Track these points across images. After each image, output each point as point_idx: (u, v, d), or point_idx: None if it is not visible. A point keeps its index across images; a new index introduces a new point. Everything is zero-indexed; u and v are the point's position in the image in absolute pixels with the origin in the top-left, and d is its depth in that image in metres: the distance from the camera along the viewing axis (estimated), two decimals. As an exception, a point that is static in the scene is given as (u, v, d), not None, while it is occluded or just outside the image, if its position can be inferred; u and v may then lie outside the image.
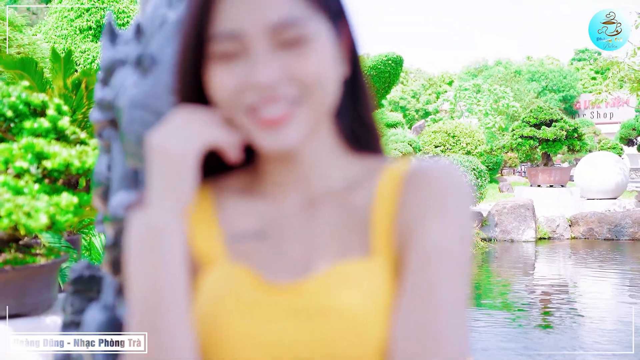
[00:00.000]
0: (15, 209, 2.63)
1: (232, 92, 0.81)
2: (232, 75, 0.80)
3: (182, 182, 0.83)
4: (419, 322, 0.75)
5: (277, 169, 0.90)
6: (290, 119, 0.81)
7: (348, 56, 0.89)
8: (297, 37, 0.79)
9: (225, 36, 0.80)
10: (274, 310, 0.80)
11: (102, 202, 1.88)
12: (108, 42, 1.88)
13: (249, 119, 0.81)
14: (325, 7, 0.83)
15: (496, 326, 7.04)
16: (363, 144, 0.94)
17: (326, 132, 0.90)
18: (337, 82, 0.84)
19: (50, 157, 2.94)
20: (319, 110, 0.83)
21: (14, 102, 3.10)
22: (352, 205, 0.87)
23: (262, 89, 0.79)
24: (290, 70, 0.79)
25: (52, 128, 3.19)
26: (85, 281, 1.84)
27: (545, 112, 16.10)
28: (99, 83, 1.85)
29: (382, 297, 0.79)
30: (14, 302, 3.15)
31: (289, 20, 0.78)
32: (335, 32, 0.85)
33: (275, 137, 0.81)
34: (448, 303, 0.76)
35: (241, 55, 0.80)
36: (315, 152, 0.89)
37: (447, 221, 0.80)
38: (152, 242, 0.82)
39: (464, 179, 0.85)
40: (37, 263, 3.24)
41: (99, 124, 1.86)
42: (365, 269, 0.81)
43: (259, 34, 0.79)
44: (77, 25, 17.35)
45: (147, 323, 0.80)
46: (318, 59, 0.80)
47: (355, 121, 0.93)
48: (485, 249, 12.52)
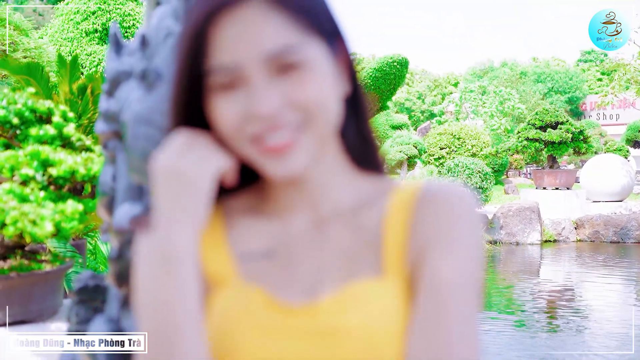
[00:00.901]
0: (21, 217, 2.64)
1: (235, 123, 0.81)
2: (234, 106, 0.80)
3: (199, 204, 0.83)
4: (432, 348, 0.76)
5: (285, 191, 0.90)
6: (295, 145, 0.81)
7: (347, 74, 0.89)
8: (294, 63, 0.79)
9: (223, 69, 0.79)
10: (288, 331, 0.81)
11: (107, 212, 1.89)
12: (113, 53, 1.89)
13: (255, 148, 0.81)
14: (320, 30, 0.82)
15: (501, 329, 7.04)
16: (366, 160, 0.94)
17: (332, 151, 0.90)
18: (338, 102, 0.85)
19: (55, 164, 2.95)
20: (323, 133, 0.83)
21: (20, 109, 3.11)
22: (362, 225, 0.87)
23: (264, 119, 0.79)
24: (291, 97, 0.79)
25: (57, 135, 3.20)
26: (90, 291, 1.84)
27: (551, 114, 16.06)
28: (104, 94, 1.85)
29: (395, 317, 0.79)
30: (19, 308, 3.17)
31: (284, 48, 0.78)
32: (332, 52, 0.84)
33: (281, 164, 0.81)
34: (460, 331, 0.77)
35: (240, 86, 0.80)
36: (322, 172, 0.89)
37: (457, 252, 0.80)
38: (168, 265, 0.81)
39: (474, 203, 0.86)
40: (42, 270, 3.26)
41: (104, 135, 1.86)
42: (377, 289, 0.81)
43: (255, 64, 0.78)
44: (83, 28, 17.39)
45: (161, 344, 0.80)
46: (317, 83, 0.80)
47: (358, 138, 0.93)
48: (491, 252, 12.51)
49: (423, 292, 0.79)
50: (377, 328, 0.78)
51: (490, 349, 6.17)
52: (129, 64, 1.84)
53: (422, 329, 0.77)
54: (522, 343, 6.53)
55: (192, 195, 0.82)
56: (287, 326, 0.81)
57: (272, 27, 0.78)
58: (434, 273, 0.79)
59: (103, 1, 17.39)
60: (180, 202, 0.82)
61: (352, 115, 0.91)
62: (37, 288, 3.22)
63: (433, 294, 0.78)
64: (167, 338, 0.79)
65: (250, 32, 0.78)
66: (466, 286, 0.79)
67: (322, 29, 0.83)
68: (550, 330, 7.18)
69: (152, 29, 1.78)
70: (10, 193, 2.80)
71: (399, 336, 0.78)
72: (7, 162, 2.94)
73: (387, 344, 0.78)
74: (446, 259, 0.80)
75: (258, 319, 0.83)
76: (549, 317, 7.93)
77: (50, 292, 3.32)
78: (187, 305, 0.81)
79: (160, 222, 0.83)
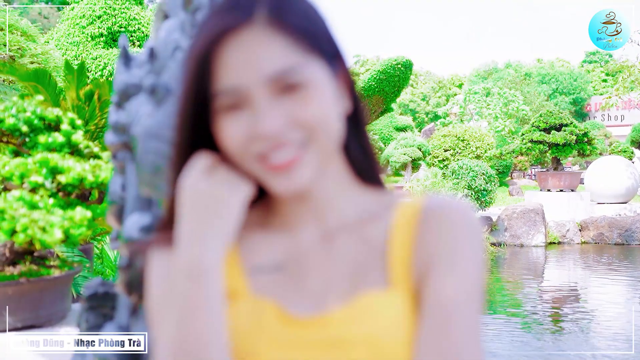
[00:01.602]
0: (31, 224, 2.68)
1: (241, 142, 0.84)
2: (239, 126, 0.83)
3: (230, 224, 0.86)
4: (440, 354, 0.80)
5: (292, 205, 0.93)
6: (299, 162, 0.84)
7: (348, 92, 0.92)
8: (296, 83, 0.82)
9: (228, 91, 0.82)
10: (299, 343, 0.84)
11: (116, 221, 1.92)
12: (122, 66, 1.92)
13: (260, 166, 0.84)
14: (321, 51, 0.85)
15: (506, 330, 7.05)
16: (368, 175, 0.97)
17: (336, 167, 0.93)
18: (339, 119, 0.88)
19: (64, 171, 2.99)
20: (326, 149, 0.86)
21: (29, 117, 3.16)
22: (368, 238, 0.91)
23: (268, 138, 0.82)
24: (294, 116, 0.82)
25: (66, 142, 3.25)
26: (100, 298, 1.88)
27: (555, 116, 16.05)
28: (114, 106, 1.88)
29: (401, 328, 0.83)
30: (28, 313, 3.21)
31: (285, 69, 0.81)
32: (333, 72, 0.87)
33: (286, 180, 0.84)
34: (465, 343, 0.81)
35: (245, 107, 0.83)
36: (327, 186, 0.92)
37: (461, 269, 0.84)
38: (198, 280, 0.84)
39: (475, 218, 0.89)
40: (51, 275, 3.30)
41: (113, 147, 1.90)
42: (384, 301, 0.85)
43: (259, 86, 0.81)
44: (89, 32, 17.44)
45: (188, 355, 0.82)
46: (319, 101, 0.83)
47: (360, 153, 0.96)
48: (495, 254, 12.50)
49: (428, 307, 0.83)
50: (385, 339, 0.82)
51: (493, 350, 6.19)
52: (138, 76, 1.87)
53: (429, 342, 0.81)
54: (527, 344, 6.54)
55: (225, 215, 0.86)
56: (298, 338, 0.84)
57: (274, 50, 0.81)
58: (439, 289, 0.83)
59: (108, 6, 17.45)
60: (212, 221, 0.85)
61: (354, 131, 0.95)
62: (46, 293, 3.26)
63: (438, 309, 0.82)
64: (194, 350, 0.82)
65: (254, 55, 0.81)
66: (469, 301, 0.83)
67: (322, 50, 0.86)
68: (554, 331, 7.20)
69: (161, 42, 1.82)
70: (20, 200, 2.85)
71: (406, 346, 0.82)
72: (17, 169, 2.99)
73: (394, 355, 0.81)
74: (450, 276, 0.83)
75: (270, 332, 0.86)
76: (553, 318, 7.93)
77: (59, 297, 3.36)
78: (214, 319, 0.83)
79: (190, 238, 0.86)
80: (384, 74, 24.69)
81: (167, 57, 1.79)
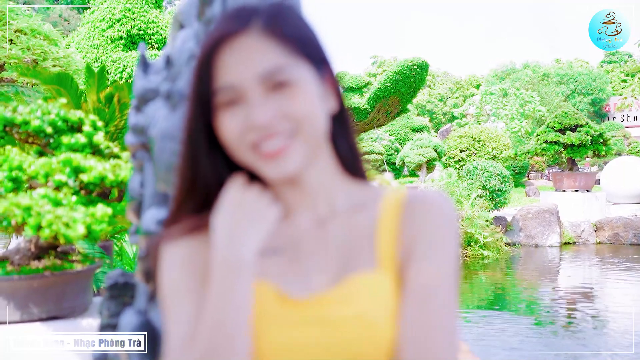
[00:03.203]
0: (56, 220, 2.84)
1: (236, 133, 0.96)
2: (235, 119, 0.96)
3: (263, 230, 0.99)
4: (421, 328, 0.92)
5: (286, 193, 1.05)
6: (287, 150, 0.96)
7: (334, 94, 1.05)
8: (284, 81, 0.95)
9: (226, 88, 0.96)
10: (298, 322, 0.95)
11: (135, 216, 2.06)
12: (141, 72, 2.06)
13: (253, 154, 0.97)
14: (308, 56, 0.99)
15: (519, 329, 7.09)
16: (354, 169, 1.10)
17: (326, 160, 1.06)
18: (324, 116, 1.00)
19: (86, 170, 3.15)
20: (311, 140, 0.98)
21: (54, 119, 3.32)
22: (358, 225, 1.03)
23: (260, 129, 0.95)
24: (282, 110, 0.95)
25: (88, 143, 3.41)
26: (120, 287, 2.01)
27: (570, 117, 15.98)
28: (133, 109, 2.02)
29: (389, 305, 0.95)
30: (53, 305, 3.37)
31: (275, 68, 0.94)
32: (319, 75, 1.00)
33: (276, 167, 0.97)
34: (441, 319, 0.93)
35: (241, 102, 0.96)
36: (318, 175, 1.05)
37: (438, 254, 0.97)
38: (235, 272, 0.95)
39: (453, 208, 1.02)
40: (73, 269, 3.46)
41: (132, 147, 2.04)
42: (374, 280, 0.97)
43: (252, 83, 0.94)
44: (108, 35, 17.67)
45: (222, 339, 0.93)
46: (304, 98, 0.96)
47: (347, 149, 1.09)
48: (510, 254, 12.49)
49: (410, 288, 0.95)
50: (375, 315, 0.94)
51: (506, 348, 6.25)
52: (155, 82, 2.02)
53: (410, 319, 0.93)
54: (541, 343, 6.58)
55: (258, 222, 0.98)
56: (296, 317, 0.95)
57: (266, 53, 0.95)
58: (418, 273, 0.96)
59: (128, 9, 17.67)
60: (249, 226, 0.98)
61: (340, 128, 1.08)
62: (69, 286, 3.42)
63: (418, 290, 0.95)
64: (228, 336, 0.92)
65: (248, 57, 0.95)
66: (445, 283, 0.95)
67: (309, 55, 0.99)
68: (568, 330, 7.23)
69: (176, 50, 1.96)
70: (45, 198, 3.01)
71: (392, 322, 0.94)
72: (42, 169, 3.15)
73: (383, 328, 0.93)
74: (429, 262, 0.96)
75: (269, 312, 0.96)
76: (566, 317, 7.95)
77: (81, 290, 3.52)
78: (247, 307, 0.95)
79: (231, 238, 0.97)
80: (400, 75, 24.67)
81: (182, 65, 1.93)
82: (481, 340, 6.61)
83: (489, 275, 10.73)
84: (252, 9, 0.98)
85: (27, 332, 3.24)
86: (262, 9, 0.98)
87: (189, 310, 0.98)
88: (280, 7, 1.00)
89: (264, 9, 0.98)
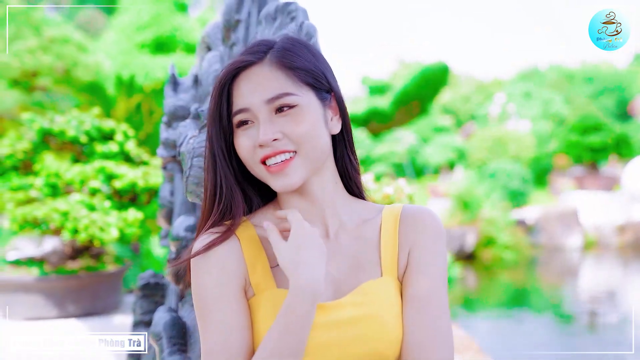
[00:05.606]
0: (91, 224, 3.06)
1: (249, 150, 1.13)
2: (248, 138, 1.13)
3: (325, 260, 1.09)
4: (419, 332, 1.10)
5: (300, 206, 1.20)
6: (290, 166, 1.12)
7: (339, 119, 1.21)
8: (288, 105, 1.11)
9: (241, 111, 1.13)
10: (319, 324, 1.09)
11: (165, 222, 2.24)
12: (171, 91, 2.23)
13: (263, 168, 1.13)
14: (313, 85, 1.15)
15: (540, 329, 7.11)
16: (355, 187, 1.27)
17: (328, 174, 1.21)
18: (326, 136, 1.16)
19: (119, 177, 3.37)
20: (312, 158, 1.14)
21: (88, 130, 3.54)
22: (364, 238, 1.20)
23: (265, 147, 1.11)
24: (285, 130, 1.11)
25: (119, 151, 3.63)
26: (152, 287, 2.17)
27: (592, 118, 15.89)
28: (164, 125, 2.19)
29: (395, 307, 1.13)
30: (87, 303, 3.59)
31: (280, 94, 1.11)
32: (323, 102, 1.16)
33: (281, 180, 1.13)
34: (437, 318, 1.12)
35: (253, 123, 1.13)
36: (323, 188, 1.19)
37: (430, 269, 1.15)
38: (313, 298, 1.04)
39: (439, 220, 1.20)
40: (106, 270, 3.68)
41: (164, 159, 2.22)
42: (381, 286, 1.14)
43: (261, 106, 1.11)
44: (136, 40, 17.85)
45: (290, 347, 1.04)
46: (306, 121, 1.12)
47: (347, 166, 1.25)
48: (531, 255, 12.42)
49: (409, 296, 1.14)
50: (384, 315, 1.11)
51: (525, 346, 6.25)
52: (184, 99, 2.19)
53: (412, 321, 1.11)
54: (561, 343, 6.60)
55: (321, 251, 1.08)
56: (319, 320, 1.10)
57: (273, 80, 1.12)
58: (415, 284, 1.14)
59: (156, 14, 17.81)
60: (320, 256, 1.08)
61: (345, 149, 1.24)
62: (102, 285, 3.63)
63: (417, 297, 1.13)
64: (296, 345, 1.04)
65: (259, 85, 1.12)
66: (439, 291, 1.14)
67: (315, 85, 1.15)
68: (589, 331, 7.25)
69: (204, 71, 2.14)
70: (81, 203, 3.23)
71: (399, 320, 1.12)
72: (78, 176, 3.38)
73: (392, 326, 1.11)
74: (423, 274, 1.15)
75: None
76: (587, 318, 7.87)
77: (113, 289, 3.73)
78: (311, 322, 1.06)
79: (312, 265, 1.06)
80: (422, 78, 24.64)
81: (208, 85, 2.11)
82: (501, 338, 6.64)
83: (509, 276, 10.73)
84: (270, 43, 1.16)
85: (64, 327, 3.46)
86: (278, 43, 1.16)
87: (227, 316, 1.09)
88: (294, 42, 1.17)
89: (279, 43, 1.16)
